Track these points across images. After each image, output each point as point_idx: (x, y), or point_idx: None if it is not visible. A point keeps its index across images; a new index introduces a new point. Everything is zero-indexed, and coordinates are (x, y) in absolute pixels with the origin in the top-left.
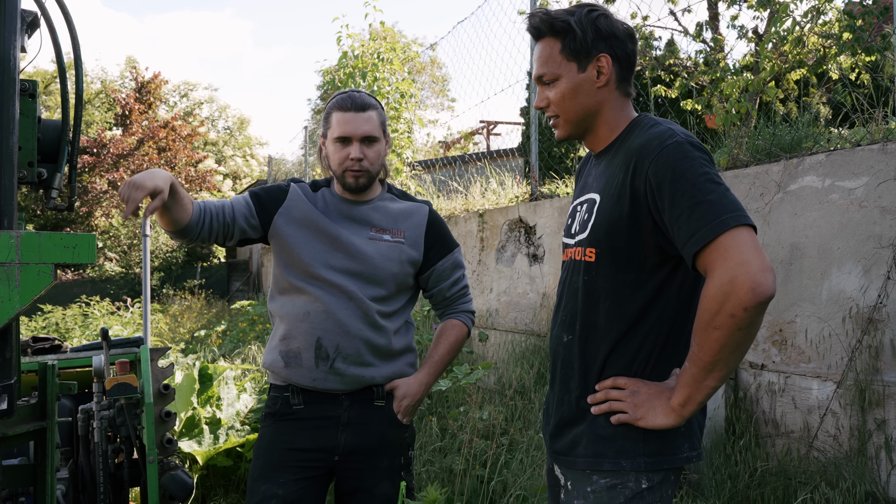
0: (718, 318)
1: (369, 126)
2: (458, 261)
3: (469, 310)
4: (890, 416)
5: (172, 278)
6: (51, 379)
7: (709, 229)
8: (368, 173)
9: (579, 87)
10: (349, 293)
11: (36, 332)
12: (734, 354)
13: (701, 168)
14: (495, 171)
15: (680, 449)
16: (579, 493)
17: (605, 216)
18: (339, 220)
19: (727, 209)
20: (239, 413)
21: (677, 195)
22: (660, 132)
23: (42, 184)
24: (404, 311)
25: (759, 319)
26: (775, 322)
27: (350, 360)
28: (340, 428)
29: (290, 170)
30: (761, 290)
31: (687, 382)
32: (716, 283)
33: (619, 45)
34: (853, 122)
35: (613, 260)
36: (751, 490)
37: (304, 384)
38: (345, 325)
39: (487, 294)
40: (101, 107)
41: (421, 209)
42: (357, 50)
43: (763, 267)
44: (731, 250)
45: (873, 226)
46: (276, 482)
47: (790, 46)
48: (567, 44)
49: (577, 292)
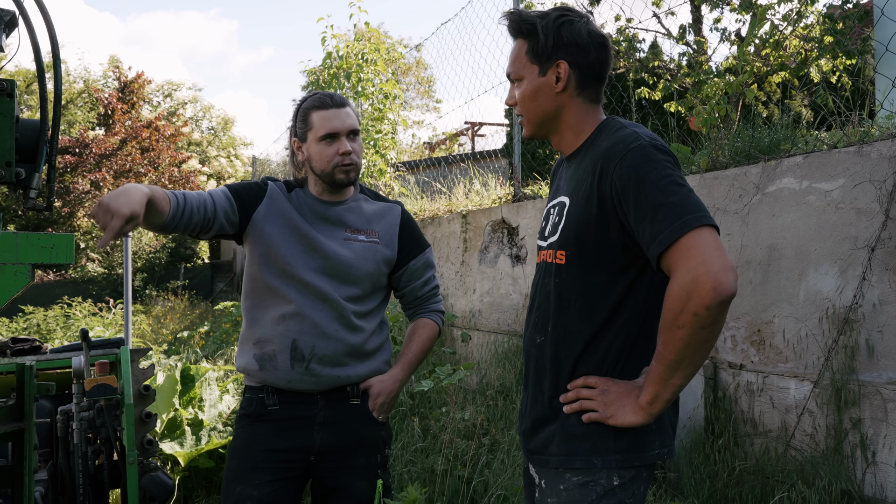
0: (682, 317)
1: (352, 120)
2: (430, 260)
3: (439, 310)
4: (865, 416)
5: (155, 279)
6: (29, 380)
7: (671, 230)
8: (357, 167)
9: (539, 89)
10: (324, 294)
11: (17, 333)
12: (698, 353)
13: (664, 170)
14: (479, 173)
15: (651, 446)
16: (552, 491)
17: (574, 219)
18: (313, 221)
19: (689, 210)
20: (221, 414)
21: (641, 198)
22: (624, 136)
23: (20, 184)
24: (379, 310)
25: (721, 318)
26: (754, 322)
27: (326, 361)
28: (316, 427)
29: (274, 170)
30: (722, 289)
31: (654, 381)
32: (678, 283)
33: (580, 53)
34: (831, 125)
35: (583, 262)
36: (729, 489)
37: (280, 385)
38: (320, 327)
39: (470, 295)
40: (84, 106)
41: (394, 209)
42: (342, 51)
43: (724, 266)
44: (693, 251)
45: (849, 227)
46: (251, 483)
47: (771, 49)
48: (531, 46)
49: (548, 294)
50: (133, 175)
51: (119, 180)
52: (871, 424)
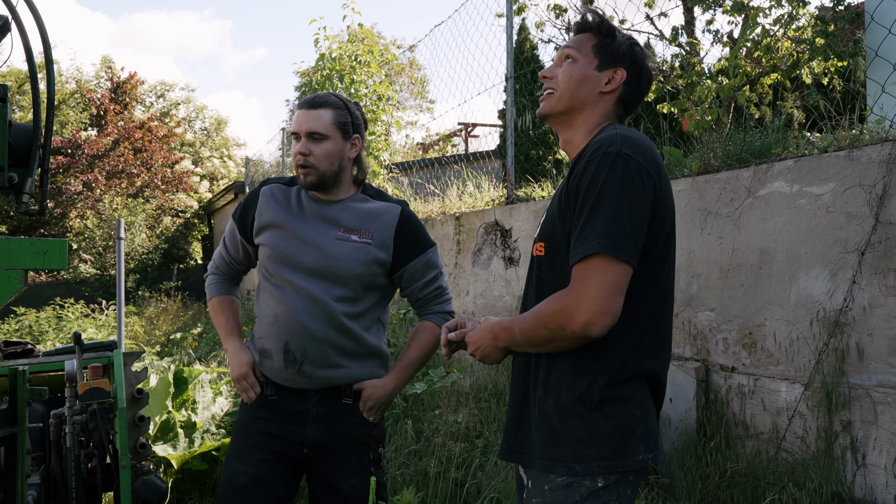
0: (553, 322)
1: (315, 123)
2: (433, 261)
3: (444, 310)
4: (855, 418)
5: (148, 280)
6: (21, 384)
7: (583, 248)
8: (315, 170)
9: (588, 78)
10: (314, 297)
11: (9, 335)
12: (541, 347)
13: (615, 185)
14: (472, 174)
15: (635, 451)
16: (538, 491)
17: (550, 212)
18: (309, 219)
19: (607, 234)
20: (214, 416)
21: (584, 205)
22: (604, 138)
23: (13, 188)
24: (374, 311)
25: (577, 344)
26: (745, 325)
27: (317, 363)
28: (309, 422)
29: (267, 171)
30: (590, 330)
31: (508, 335)
32: (566, 299)
33: (637, 74)
34: (822, 129)
35: (557, 253)
36: (721, 491)
37: (276, 380)
38: (310, 330)
39: (464, 297)
40: (77, 107)
41: (393, 209)
42: (335, 52)
43: (604, 310)
44: (590, 282)
45: (840, 231)
46: (246, 461)
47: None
48: (602, 44)
49: (533, 286)
50: (126, 176)
51: (111, 181)
52: (861, 427)
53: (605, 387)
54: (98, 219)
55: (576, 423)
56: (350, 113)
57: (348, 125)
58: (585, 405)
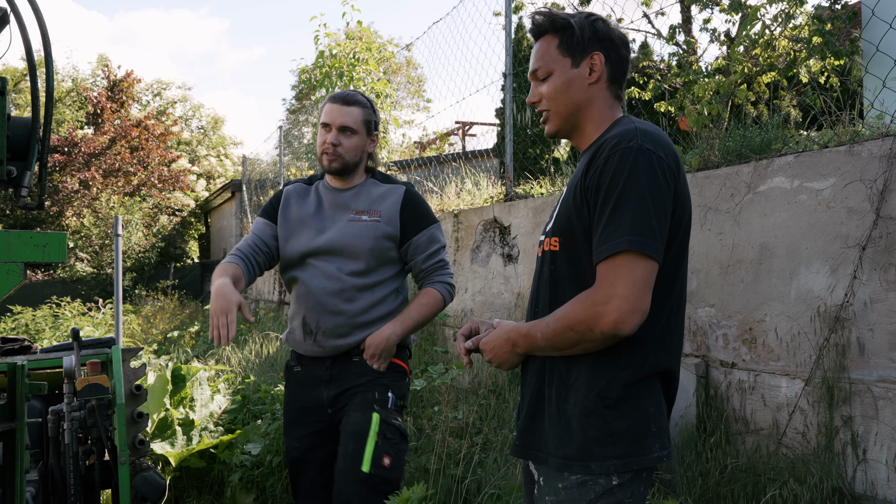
0: (580, 325)
1: (347, 118)
2: (435, 236)
3: (446, 281)
4: (856, 413)
5: (145, 279)
6: (20, 380)
7: (608, 246)
8: (342, 159)
9: (571, 81)
10: (327, 273)
11: (6, 333)
12: (568, 351)
13: (638, 181)
14: (470, 172)
15: (651, 449)
16: (551, 489)
17: (565, 206)
18: (328, 207)
19: (634, 231)
20: (212, 414)
21: (606, 202)
22: (623, 132)
23: (11, 182)
24: (389, 282)
25: (606, 345)
26: (745, 321)
27: (329, 333)
28: (324, 385)
29: (264, 170)
30: (620, 328)
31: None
32: (593, 298)
33: (613, 47)
34: (821, 125)
35: (574, 248)
36: (721, 487)
37: (299, 351)
38: (322, 304)
39: (462, 294)
40: (73, 105)
41: (398, 189)
42: (334, 49)
43: (634, 308)
44: (618, 279)
45: (840, 226)
46: (292, 436)
47: (760, 50)
48: (564, 40)
49: (546, 283)
50: (122, 174)
51: (108, 179)
52: (861, 422)
53: (626, 384)
54: (95, 217)
55: (594, 420)
56: (374, 112)
57: (372, 123)
58: (604, 402)
